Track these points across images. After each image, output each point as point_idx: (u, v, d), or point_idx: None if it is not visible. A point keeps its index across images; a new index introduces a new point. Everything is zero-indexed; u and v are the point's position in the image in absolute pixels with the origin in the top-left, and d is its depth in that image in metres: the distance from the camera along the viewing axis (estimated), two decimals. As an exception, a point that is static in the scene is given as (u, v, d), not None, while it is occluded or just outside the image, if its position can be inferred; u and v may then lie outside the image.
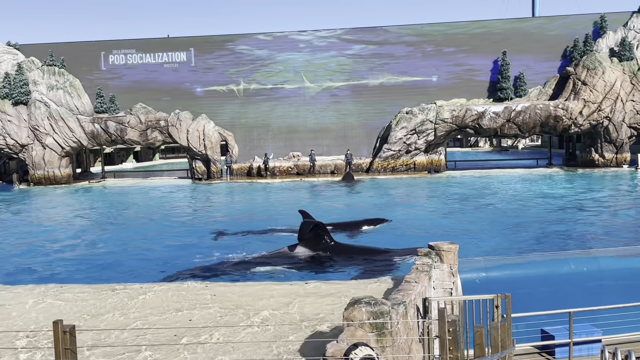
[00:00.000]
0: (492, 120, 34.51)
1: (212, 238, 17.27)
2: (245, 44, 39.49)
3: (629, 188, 28.33)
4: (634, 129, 34.56)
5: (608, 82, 34.00)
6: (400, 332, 6.02)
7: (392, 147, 35.59)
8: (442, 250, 9.03)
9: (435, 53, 38.28)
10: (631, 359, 5.19)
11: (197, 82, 39.40)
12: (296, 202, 22.83)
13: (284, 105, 38.87)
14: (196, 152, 36.29)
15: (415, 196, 27.62)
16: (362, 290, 8.56)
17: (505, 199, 24.75)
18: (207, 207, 26.42)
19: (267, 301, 8.10)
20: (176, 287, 9.10)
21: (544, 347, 9.13)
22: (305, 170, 36.40)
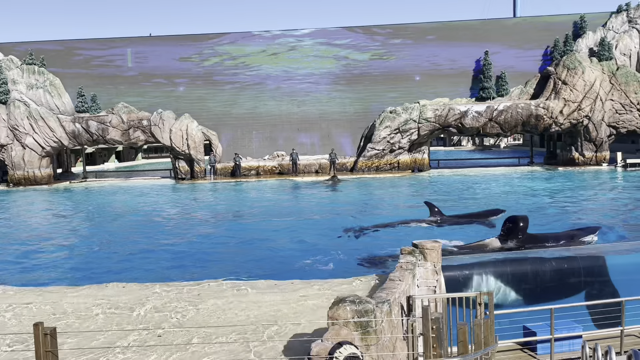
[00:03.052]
0: (474, 119, 34.83)
1: (346, 233, 17.15)
2: (227, 42, 39.34)
3: (608, 186, 28.79)
4: (613, 128, 35.15)
5: (588, 82, 34.54)
6: (385, 330, 6.05)
7: (376, 146, 35.73)
8: (425, 248, 9.09)
9: (417, 53, 38.50)
10: (611, 354, 5.28)
11: (180, 78, 39.14)
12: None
13: (268, 105, 38.75)
14: (179, 151, 36.02)
15: (399, 195, 27.74)
16: (346, 288, 8.58)
17: (487, 196, 25.00)
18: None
19: (251, 298, 8.08)
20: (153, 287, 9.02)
21: (526, 344, 9.24)
22: (288, 170, 36.37)
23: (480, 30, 38.45)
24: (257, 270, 12.58)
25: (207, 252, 15.43)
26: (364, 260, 13.51)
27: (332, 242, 16.24)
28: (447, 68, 38.24)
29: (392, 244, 14.27)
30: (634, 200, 22.50)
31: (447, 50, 38.37)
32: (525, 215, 14.39)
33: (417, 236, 15.08)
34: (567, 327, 9.10)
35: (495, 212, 18.53)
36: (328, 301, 6.62)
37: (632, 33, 36.80)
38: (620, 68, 35.60)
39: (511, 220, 14.02)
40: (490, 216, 18.25)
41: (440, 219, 18.07)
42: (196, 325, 7.07)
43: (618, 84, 35.03)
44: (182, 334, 6.77)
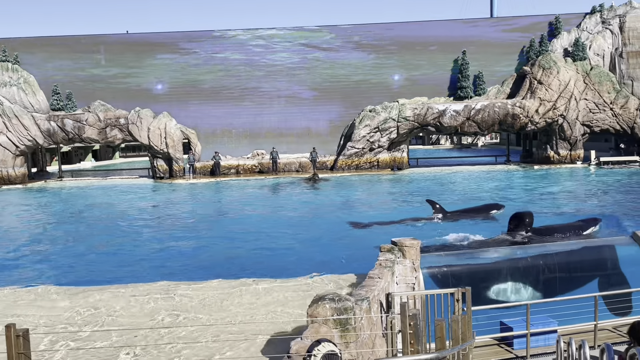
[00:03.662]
0: (452, 118, 35.19)
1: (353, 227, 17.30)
2: (204, 40, 39.08)
3: (578, 184, 29.38)
4: (587, 127, 35.86)
5: (562, 81, 35.17)
6: (364, 327, 6.09)
7: (355, 145, 35.86)
8: (404, 246, 9.17)
9: (396, 52, 38.75)
10: (584, 348, 5.41)
11: (159, 79, 38.76)
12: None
13: (249, 103, 38.58)
14: (158, 150, 35.62)
15: (379, 193, 27.90)
16: (326, 286, 8.61)
17: (467, 194, 25.31)
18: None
19: (239, 299, 8.06)
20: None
21: (503, 339, 9.39)
22: (269, 169, 36.27)
23: (458, 30, 38.84)
24: (235, 269, 12.53)
25: (186, 252, 15.31)
26: (351, 259, 13.55)
27: (314, 241, 16.27)
28: (425, 67, 38.56)
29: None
30: (611, 196, 23.04)
31: (426, 49, 38.70)
32: (530, 212, 15.14)
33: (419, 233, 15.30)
34: (543, 322, 9.27)
35: (495, 207, 19.05)
36: (308, 299, 6.64)
37: (605, 34, 37.59)
38: (594, 68, 36.35)
39: (517, 216, 14.73)
40: (490, 211, 18.72)
41: (443, 215, 18.48)
42: (175, 325, 7.03)
43: (592, 84, 35.75)
44: (159, 333, 6.72)
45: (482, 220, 17.98)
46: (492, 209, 18.91)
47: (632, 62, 36.68)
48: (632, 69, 36.61)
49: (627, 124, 35.66)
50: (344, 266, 12.40)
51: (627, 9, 37.76)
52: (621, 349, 5.62)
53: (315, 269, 12.20)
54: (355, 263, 11.96)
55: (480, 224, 17.34)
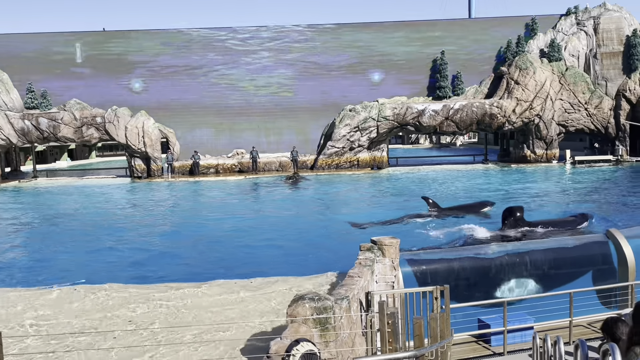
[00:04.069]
0: (431, 117, 35.49)
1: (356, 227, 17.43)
2: (183, 38, 38.74)
3: (552, 182, 29.93)
4: (563, 126, 36.52)
5: (539, 82, 35.75)
6: (344, 326, 6.10)
7: (336, 144, 35.92)
8: (384, 244, 9.19)
9: (376, 51, 38.92)
10: (559, 344, 5.50)
11: (137, 75, 38.28)
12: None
13: (228, 102, 38.35)
14: (135, 149, 35.18)
15: (360, 192, 28.00)
16: (307, 285, 8.61)
17: (444, 193, 25.55)
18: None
19: (218, 299, 8.00)
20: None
21: (480, 336, 9.49)
22: (248, 168, 36.11)
23: (436, 31, 39.19)
24: (214, 270, 12.45)
25: (163, 253, 15.15)
26: (332, 257, 13.60)
27: (294, 240, 16.26)
28: (405, 67, 38.81)
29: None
30: (586, 194, 23.51)
31: (405, 49, 38.95)
32: (521, 205, 15.94)
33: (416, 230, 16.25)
34: (520, 319, 9.41)
35: (485, 204, 19.85)
36: (289, 298, 6.63)
37: (580, 35, 38.31)
38: (569, 69, 37.02)
39: (508, 210, 15.51)
40: (482, 208, 19.50)
41: (438, 212, 19.01)
42: (153, 326, 6.95)
43: (567, 84, 36.41)
44: (139, 334, 6.63)
45: (474, 216, 18.57)
46: (483, 206, 19.63)
47: (605, 63, 37.46)
48: (606, 69, 37.39)
49: (601, 124, 36.42)
50: (324, 265, 12.43)
51: (601, 11, 38.54)
52: (595, 344, 5.74)
53: (296, 268, 12.20)
54: (336, 262, 11.99)
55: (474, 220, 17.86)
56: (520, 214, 15.23)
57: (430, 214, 18.93)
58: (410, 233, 16.17)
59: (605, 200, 22.17)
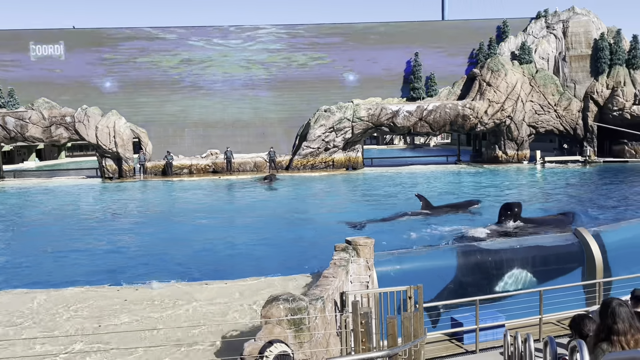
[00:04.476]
0: (405, 118, 35.80)
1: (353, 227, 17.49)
2: (160, 35, 38.22)
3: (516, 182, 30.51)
4: (533, 128, 37.28)
5: (510, 84, 36.41)
6: (318, 326, 6.10)
7: (311, 144, 35.92)
8: (358, 244, 9.22)
9: (351, 52, 39.05)
10: (529, 341, 5.60)
11: (107, 75, 37.61)
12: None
13: (202, 102, 37.99)
14: (106, 149, 34.53)
15: (332, 193, 28.06)
16: (281, 286, 8.57)
17: (417, 193, 25.79)
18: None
19: (192, 301, 7.89)
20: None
21: (453, 334, 9.61)
22: (223, 169, 35.82)
23: (410, 33, 39.54)
24: (189, 270, 12.31)
25: (134, 254, 14.90)
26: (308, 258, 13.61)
27: (269, 241, 16.18)
28: (378, 68, 39.04)
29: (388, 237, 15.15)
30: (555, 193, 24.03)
31: (379, 50, 39.17)
32: (519, 202, 16.52)
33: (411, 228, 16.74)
34: (491, 317, 9.55)
35: (473, 203, 20.71)
36: (263, 299, 6.58)
37: (549, 38, 39.16)
38: (539, 71, 37.81)
39: (507, 206, 16.13)
40: (470, 206, 20.26)
41: (431, 210, 19.56)
42: (123, 329, 6.82)
43: (537, 86, 37.17)
44: (106, 338, 6.50)
45: (464, 213, 19.26)
46: (471, 205, 20.42)
47: (574, 65, 38.38)
48: (575, 72, 38.31)
49: (570, 125, 37.29)
50: (299, 266, 12.40)
51: (570, 15, 39.46)
52: (564, 341, 5.86)
53: (272, 269, 12.14)
54: (311, 262, 11.98)
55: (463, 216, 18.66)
56: (517, 210, 15.88)
57: (423, 211, 19.52)
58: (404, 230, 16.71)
59: (572, 200, 22.68)
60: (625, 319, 3.78)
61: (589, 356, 3.64)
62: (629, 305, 4.14)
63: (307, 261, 13.15)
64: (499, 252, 11.47)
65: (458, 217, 18.73)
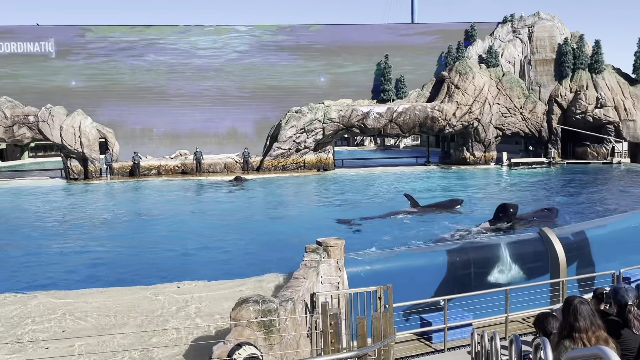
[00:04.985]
0: (376, 120, 36.07)
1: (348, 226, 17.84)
2: (126, 36, 37.54)
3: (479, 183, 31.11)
4: (499, 130, 38.05)
5: (477, 87, 37.10)
6: (289, 328, 6.08)
7: (282, 145, 35.83)
8: (329, 246, 9.24)
9: (321, 54, 39.12)
10: (495, 339, 5.71)
11: (72, 74, 36.71)
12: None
13: (171, 102, 37.45)
14: (71, 150, 33.70)
15: (304, 195, 28.06)
16: (251, 288, 8.52)
17: (387, 195, 26.02)
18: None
19: (160, 304, 7.76)
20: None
21: (422, 333, 9.72)
22: (192, 169, 35.40)
23: (381, 34, 39.87)
24: (158, 273, 12.12)
25: (99, 257, 14.58)
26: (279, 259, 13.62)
27: (239, 242, 16.06)
28: (350, 70, 39.23)
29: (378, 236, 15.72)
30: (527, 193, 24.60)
31: (349, 52, 39.38)
32: (516, 204, 17.53)
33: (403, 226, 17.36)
34: (459, 316, 9.70)
35: (457, 201, 21.42)
36: (233, 301, 6.53)
37: (515, 42, 40.06)
38: (505, 74, 38.64)
39: (503, 207, 17.08)
40: (454, 205, 20.96)
41: (419, 209, 20.16)
42: (87, 333, 6.67)
43: (504, 89, 37.98)
44: (69, 343, 6.34)
45: (450, 212, 19.90)
46: (456, 203, 21.14)
47: (539, 69, 39.36)
48: (540, 76, 39.29)
49: (535, 128, 38.21)
50: (269, 267, 12.34)
51: (535, 20, 40.45)
52: (529, 339, 6.00)
53: (242, 271, 12.06)
54: (282, 263, 11.95)
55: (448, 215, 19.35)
56: (513, 211, 16.87)
57: (412, 210, 20.07)
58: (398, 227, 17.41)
59: (537, 201, 23.24)
60: (587, 316, 3.89)
61: (552, 353, 3.73)
62: (590, 303, 4.27)
63: (278, 262, 13.11)
64: (467, 251, 11.65)
65: (440, 215, 19.40)
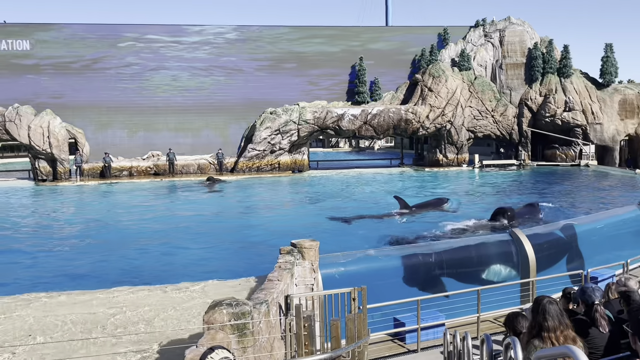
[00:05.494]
0: (350, 122, 36.23)
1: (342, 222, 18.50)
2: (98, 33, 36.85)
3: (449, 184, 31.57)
4: (472, 132, 38.65)
5: (450, 89, 37.61)
6: (263, 331, 6.04)
7: (256, 147, 35.67)
8: (303, 247, 9.22)
9: (296, 55, 39.10)
10: (467, 339, 5.79)
11: (42, 73, 35.84)
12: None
13: (144, 100, 36.89)
14: (39, 150, 32.89)
15: (279, 196, 27.98)
16: (225, 291, 8.44)
17: (362, 197, 26.15)
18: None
19: (124, 305, 7.62)
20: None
21: (396, 334, 9.78)
22: (165, 171, 34.94)
23: (355, 36, 40.07)
24: (129, 276, 11.91)
25: (68, 260, 14.26)
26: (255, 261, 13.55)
27: (212, 245, 15.91)
28: (324, 72, 39.29)
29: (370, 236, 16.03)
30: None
31: (324, 54, 39.45)
32: (512, 207, 18.66)
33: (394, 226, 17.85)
34: (432, 317, 9.80)
35: (444, 200, 22.18)
36: (207, 304, 6.45)
37: (487, 46, 40.76)
38: (477, 78, 39.26)
39: (500, 210, 18.19)
40: (441, 204, 21.74)
41: (408, 209, 20.71)
42: (56, 336, 6.51)
43: (476, 92, 38.59)
44: (33, 349, 6.18)
45: (439, 211, 20.60)
46: (443, 202, 21.90)
47: (510, 73, 40.12)
48: (510, 79, 40.05)
49: (506, 130, 38.93)
50: (244, 269, 12.25)
51: (506, 24, 41.22)
52: (500, 338, 6.09)
53: (215, 273, 11.94)
54: (256, 265, 11.88)
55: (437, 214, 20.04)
56: (510, 214, 17.85)
57: (402, 210, 20.61)
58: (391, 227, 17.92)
59: (509, 201, 23.69)
60: (555, 316, 3.97)
61: (522, 352, 3.80)
62: (558, 303, 4.36)
63: (252, 265, 13.04)
64: (440, 253, 11.78)
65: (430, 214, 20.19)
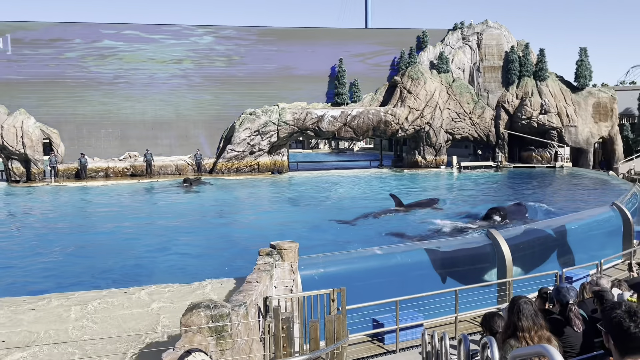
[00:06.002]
0: (330, 123, 36.28)
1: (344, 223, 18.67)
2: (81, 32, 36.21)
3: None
4: (450, 134, 39.06)
5: (429, 92, 37.95)
6: (241, 333, 6.01)
7: (236, 147, 35.47)
8: (282, 249, 9.20)
9: (275, 56, 38.99)
10: (445, 339, 5.84)
11: (16, 71, 35.06)
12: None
13: (120, 102, 36.39)
14: (13, 151, 32.19)
15: (258, 197, 27.87)
16: (201, 293, 8.37)
17: (340, 197, 26.22)
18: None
19: (100, 308, 7.49)
20: None
21: (375, 335, 9.82)
22: (142, 172, 34.50)
23: (335, 38, 40.16)
24: (104, 278, 11.73)
25: (44, 263, 13.98)
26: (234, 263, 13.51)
27: (190, 246, 15.77)
28: (304, 72, 39.29)
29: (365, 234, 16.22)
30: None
31: (304, 55, 39.43)
32: (503, 207, 19.41)
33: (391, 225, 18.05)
34: (411, 317, 9.86)
35: (435, 200, 22.72)
36: (184, 307, 6.39)
37: (465, 49, 41.24)
38: (455, 80, 39.70)
39: (494, 209, 18.87)
40: (433, 204, 22.23)
41: (403, 207, 21.12)
42: (29, 343, 6.37)
43: (454, 95, 39.02)
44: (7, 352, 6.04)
45: (431, 210, 21.19)
46: (435, 202, 22.38)
47: (487, 76, 40.68)
48: (488, 82, 40.61)
49: (484, 132, 39.44)
50: (222, 271, 12.17)
51: (483, 28, 41.78)
52: (477, 338, 6.16)
53: (193, 275, 11.84)
54: (235, 267, 11.81)
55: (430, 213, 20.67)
56: (502, 213, 18.55)
57: (398, 208, 20.99)
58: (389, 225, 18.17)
59: (493, 201, 24.02)
60: (529, 316, 4.03)
61: (499, 352, 3.85)
62: (534, 303, 4.42)
63: (230, 266, 12.97)
64: (419, 253, 11.86)
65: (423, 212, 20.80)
